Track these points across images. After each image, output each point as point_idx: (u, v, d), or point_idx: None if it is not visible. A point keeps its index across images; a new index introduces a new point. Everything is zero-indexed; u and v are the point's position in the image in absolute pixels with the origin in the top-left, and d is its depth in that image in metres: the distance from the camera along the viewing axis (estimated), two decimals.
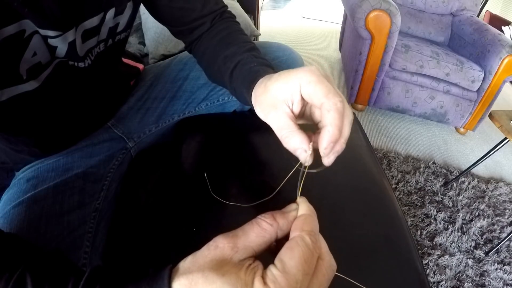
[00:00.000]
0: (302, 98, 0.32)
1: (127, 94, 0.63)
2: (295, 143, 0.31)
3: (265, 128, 0.43)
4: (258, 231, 0.24)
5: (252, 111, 0.70)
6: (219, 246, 0.22)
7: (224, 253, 0.22)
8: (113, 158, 0.57)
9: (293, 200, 0.29)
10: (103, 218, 0.50)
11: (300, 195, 0.29)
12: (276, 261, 0.22)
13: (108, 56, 0.49)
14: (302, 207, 0.26)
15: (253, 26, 1.35)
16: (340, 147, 0.31)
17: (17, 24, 0.32)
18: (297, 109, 0.32)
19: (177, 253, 0.43)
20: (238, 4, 1.44)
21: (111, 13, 0.42)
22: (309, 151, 0.31)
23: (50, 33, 0.35)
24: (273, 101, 0.33)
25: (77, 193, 0.47)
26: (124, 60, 0.64)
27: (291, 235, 0.24)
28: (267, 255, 0.24)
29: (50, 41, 0.36)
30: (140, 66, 0.68)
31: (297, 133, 0.31)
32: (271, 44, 0.67)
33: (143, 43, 1.22)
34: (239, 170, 0.53)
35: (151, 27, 1.16)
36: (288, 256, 0.22)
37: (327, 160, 0.31)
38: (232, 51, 0.46)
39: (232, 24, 0.53)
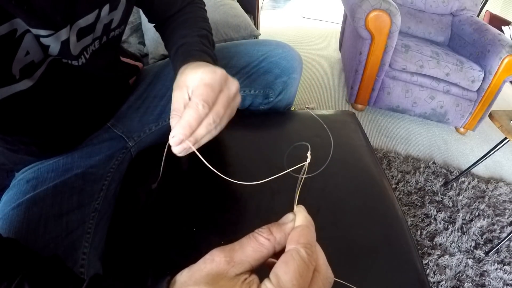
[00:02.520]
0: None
1: (126, 94, 0.63)
2: (174, 123, 0.36)
3: (265, 128, 0.43)
4: (256, 245, 0.23)
5: (252, 111, 0.70)
6: (215, 260, 0.22)
7: (220, 267, 0.22)
8: (113, 157, 0.57)
9: (293, 201, 0.29)
10: (102, 219, 0.49)
11: (300, 196, 0.29)
12: (271, 275, 0.22)
13: (103, 53, 0.48)
14: (299, 218, 0.26)
15: (253, 26, 1.35)
16: (187, 144, 0.36)
17: (8, 23, 0.32)
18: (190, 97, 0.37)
19: (177, 253, 0.43)
20: (238, 4, 1.44)
21: (105, 9, 0.42)
22: (175, 138, 0.36)
23: (42, 32, 0.35)
24: (181, 84, 0.39)
25: (77, 194, 0.47)
26: (123, 59, 0.63)
27: (287, 248, 0.23)
28: (264, 267, 0.24)
29: (43, 40, 0.36)
30: (140, 64, 0.68)
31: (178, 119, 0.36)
32: (270, 42, 0.67)
33: (143, 43, 1.22)
34: (239, 170, 0.53)
35: (151, 27, 1.15)
36: (283, 270, 0.21)
37: (172, 144, 0.36)
38: (185, 32, 0.51)
39: (197, 10, 0.58)
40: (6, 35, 0.32)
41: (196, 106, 0.35)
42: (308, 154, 0.31)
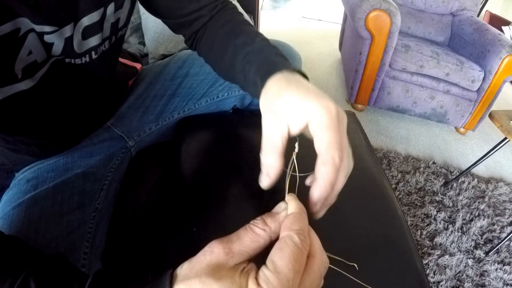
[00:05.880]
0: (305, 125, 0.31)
1: (125, 94, 0.63)
2: (269, 162, 0.32)
3: None
4: (252, 236, 0.24)
5: (252, 111, 0.70)
6: (214, 252, 0.23)
7: (220, 258, 0.23)
8: (113, 157, 0.57)
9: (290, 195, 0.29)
10: (103, 218, 0.50)
11: (300, 195, 0.29)
12: (268, 261, 0.23)
13: (110, 53, 0.48)
14: (291, 205, 0.27)
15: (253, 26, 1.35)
16: (331, 201, 0.30)
17: (12, 22, 0.32)
18: (294, 132, 0.32)
19: (177, 253, 0.43)
20: (238, 4, 1.44)
21: (111, 7, 0.42)
22: (270, 179, 0.32)
23: (47, 28, 0.35)
24: (278, 111, 0.32)
25: (77, 194, 0.47)
26: (121, 60, 0.63)
27: (281, 235, 0.24)
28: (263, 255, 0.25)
29: (46, 37, 0.36)
30: (138, 65, 0.68)
31: (277, 156, 0.31)
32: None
33: (143, 43, 1.22)
34: (239, 170, 0.53)
35: (151, 27, 1.16)
36: (278, 256, 0.22)
37: (317, 214, 0.31)
38: (243, 40, 0.45)
39: (237, 15, 0.52)
40: (9, 34, 0.32)
41: (332, 161, 0.28)
42: (296, 145, 0.32)
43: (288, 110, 0.31)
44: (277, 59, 0.39)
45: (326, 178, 0.29)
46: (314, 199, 0.29)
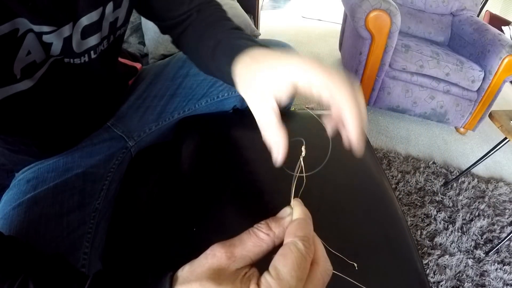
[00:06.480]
0: (292, 87, 0.30)
1: (125, 94, 0.63)
2: (273, 139, 0.31)
3: None
4: (255, 240, 0.24)
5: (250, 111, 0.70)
6: (216, 255, 0.23)
7: (221, 262, 0.22)
8: (113, 157, 0.57)
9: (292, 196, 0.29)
10: (103, 218, 0.50)
11: (300, 195, 0.29)
12: (270, 268, 0.22)
13: (109, 53, 0.48)
14: (296, 211, 0.26)
15: (253, 26, 1.35)
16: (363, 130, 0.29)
17: (10, 23, 0.32)
18: (285, 102, 0.31)
19: (177, 253, 0.43)
20: (238, 4, 1.44)
21: (109, 7, 0.42)
22: (282, 155, 0.30)
23: (45, 28, 0.35)
24: (261, 90, 0.31)
25: (77, 194, 0.47)
26: (121, 60, 0.63)
27: (285, 241, 0.24)
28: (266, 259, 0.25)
29: (45, 37, 0.36)
30: (138, 65, 0.68)
31: (277, 129, 0.30)
32: (270, 41, 0.67)
33: (143, 43, 1.22)
34: (239, 170, 0.53)
35: (151, 27, 1.16)
36: (282, 263, 0.22)
37: (359, 150, 0.29)
38: (214, 32, 0.45)
39: (217, 11, 0.52)
40: (7, 34, 0.32)
41: (350, 93, 0.27)
42: (303, 148, 0.31)
43: (268, 79, 0.31)
44: (242, 42, 0.38)
45: (351, 107, 0.28)
46: (354, 135, 0.28)
